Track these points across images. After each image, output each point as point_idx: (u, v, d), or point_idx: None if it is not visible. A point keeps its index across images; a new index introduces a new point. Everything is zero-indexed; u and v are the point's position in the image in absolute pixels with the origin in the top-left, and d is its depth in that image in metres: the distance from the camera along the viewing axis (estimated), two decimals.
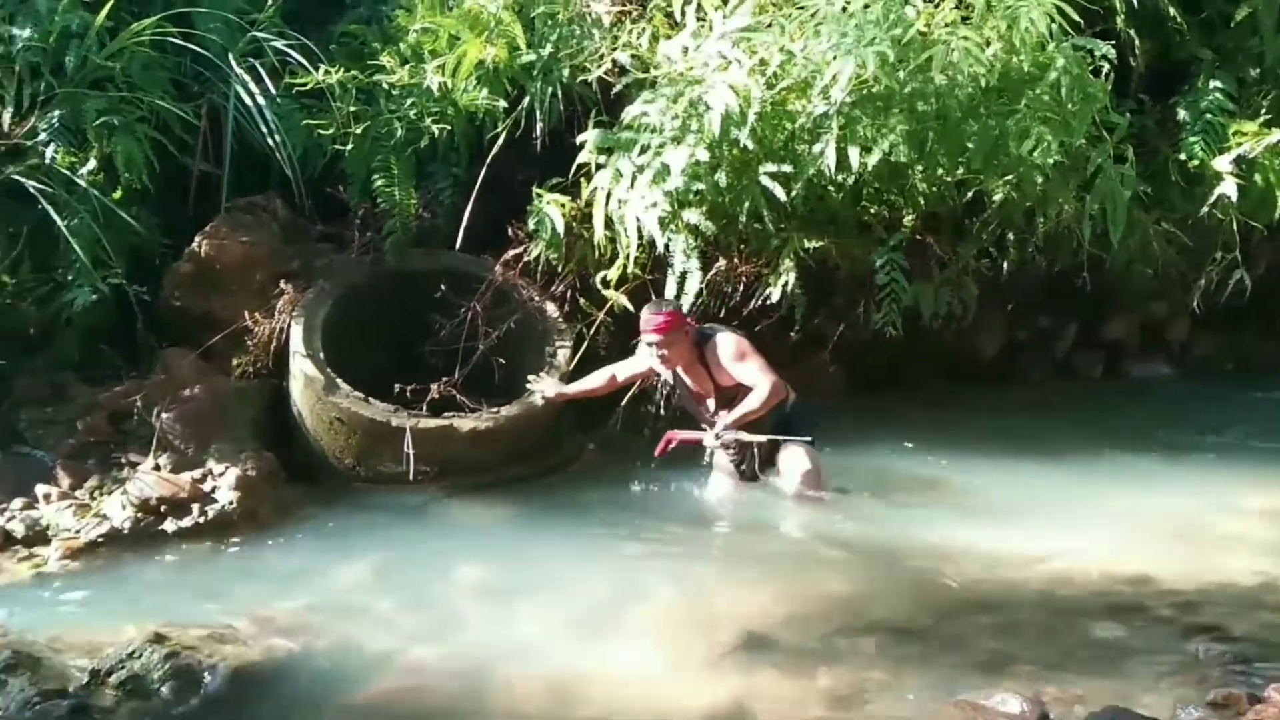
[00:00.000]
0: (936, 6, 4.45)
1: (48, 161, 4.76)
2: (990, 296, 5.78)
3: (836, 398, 5.65)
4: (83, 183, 4.76)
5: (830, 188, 4.81)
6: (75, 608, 3.65)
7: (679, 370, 4.48)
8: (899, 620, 3.35)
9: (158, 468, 4.31)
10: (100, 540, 4.05)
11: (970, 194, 5.04)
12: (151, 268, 5.02)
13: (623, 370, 4.67)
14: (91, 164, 4.82)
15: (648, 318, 4.34)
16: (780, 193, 4.49)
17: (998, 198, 4.89)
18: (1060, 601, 3.53)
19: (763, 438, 4.38)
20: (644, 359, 4.53)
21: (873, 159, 4.43)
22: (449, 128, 5.04)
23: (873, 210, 5.11)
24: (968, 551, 3.92)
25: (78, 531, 4.05)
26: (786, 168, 4.56)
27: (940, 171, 4.79)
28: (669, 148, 4.54)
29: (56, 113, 4.82)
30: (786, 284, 4.79)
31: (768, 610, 3.44)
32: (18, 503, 4.20)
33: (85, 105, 4.82)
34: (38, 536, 4.06)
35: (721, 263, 4.97)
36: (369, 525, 4.30)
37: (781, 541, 4.29)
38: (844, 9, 4.34)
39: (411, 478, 4.43)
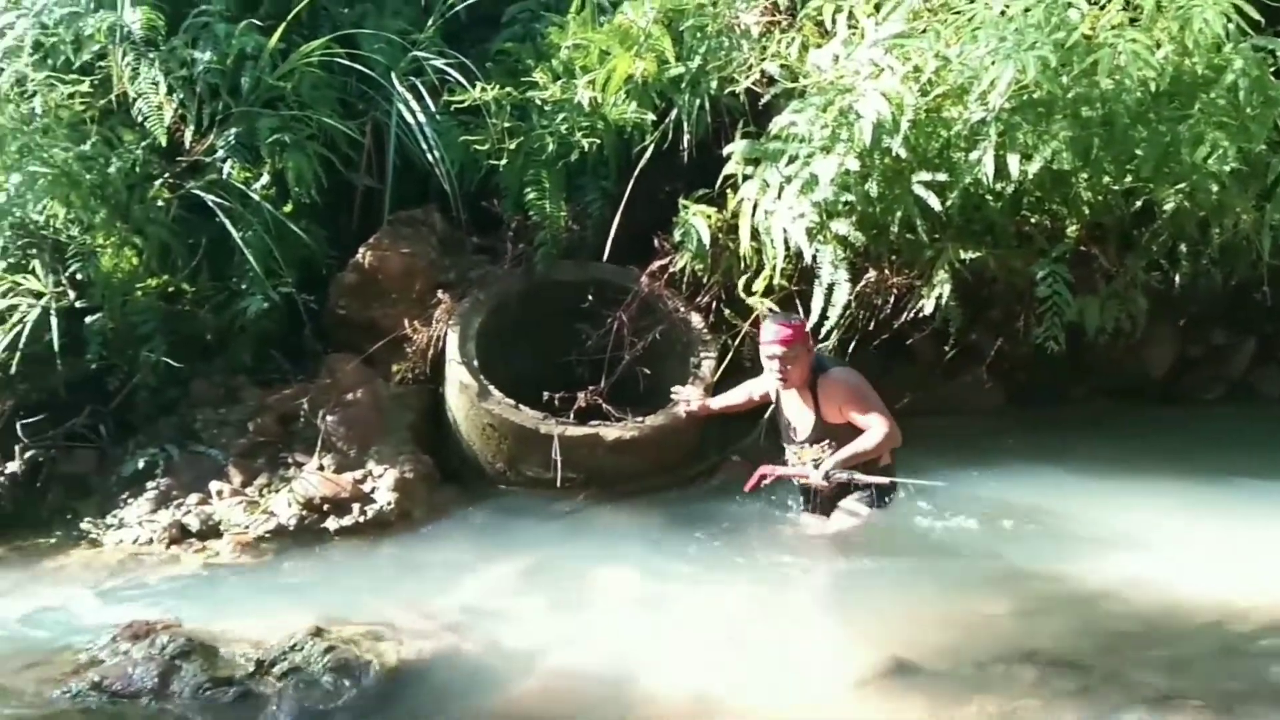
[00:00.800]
0: (1102, 8, 4.25)
1: (225, 177, 5.06)
2: (1160, 311, 5.45)
3: (992, 415, 5.44)
4: (256, 197, 5.04)
5: (988, 197, 4.63)
6: (244, 600, 3.86)
7: (786, 391, 4.27)
8: (1058, 650, 3.19)
9: (321, 468, 4.52)
10: (267, 535, 4.28)
11: (1139, 203, 4.77)
12: (319, 278, 5.27)
13: (758, 388, 4.57)
14: (265, 179, 5.09)
15: (773, 328, 4.17)
16: (934, 202, 4.37)
17: (1169, 207, 4.61)
18: (1233, 638, 3.31)
19: (882, 479, 4.13)
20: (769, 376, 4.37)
21: (1034, 167, 4.25)
22: (598, 141, 5.11)
23: (1033, 220, 4.89)
24: (1131, 580, 3.71)
25: (247, 527, 4.29)
26: (941, 176, 4.42)
27: (1106, 180, 4.55)
28: (818, 157, 4.48)
29: (233, 131, 5.11)
30: (940, 296, 4.64)
31: (915, 634, 3.33)
32: (193, 498, 4.49)
33: (259, 124, 5.09)
34: (210, 530, 4.33)
35: (871, 274, 4.85)
36: (518, 529, 4.40)
37: (928, 563, 4.12)
38: (1003, 13, 4.19)
39: (559, 484, 4.50)
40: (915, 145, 4.48)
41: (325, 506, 4.33)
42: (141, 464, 4.68)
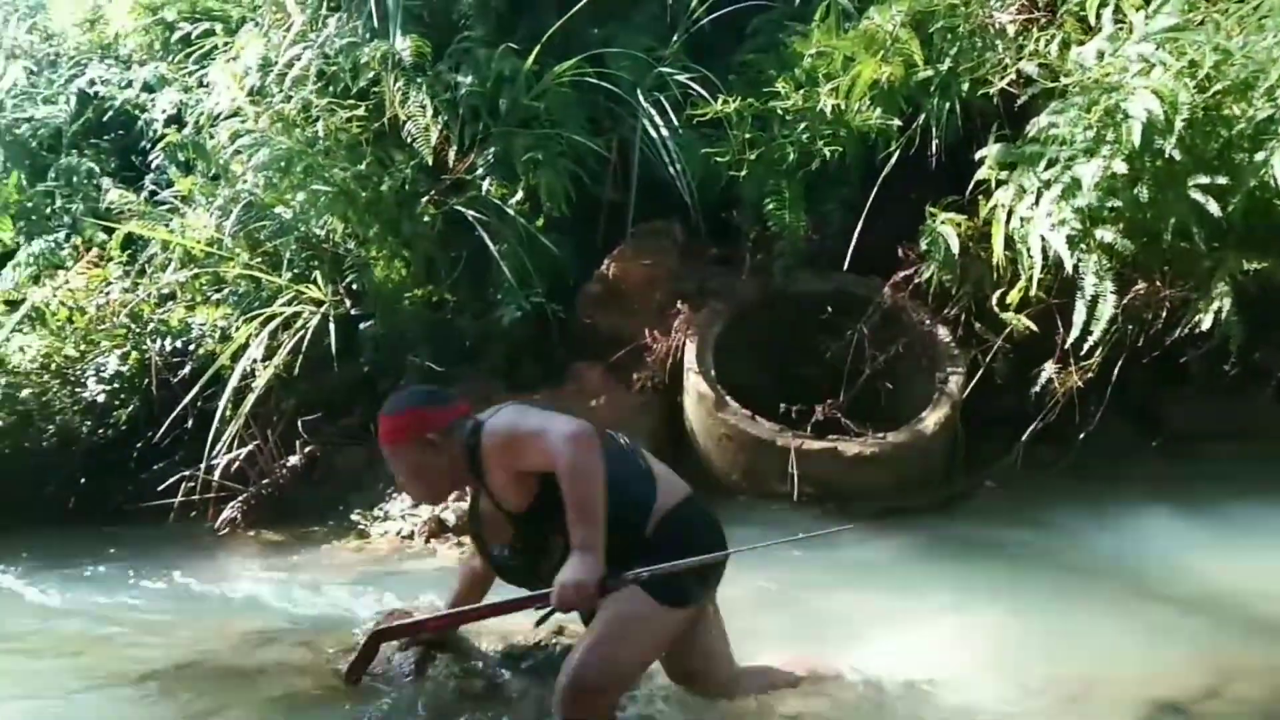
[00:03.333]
0: None
1: (484, 193, 5.35)
2: None
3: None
4: (512, 212, 5.30)
5: (1276, 201, 4.20)
6: (492, 594, 4.04)
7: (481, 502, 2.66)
8: None
9: None
10: None
11: None
12: (567, 288, 5.47)
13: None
14: (519, 195, 5.34)
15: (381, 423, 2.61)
16: (1214, 207, 4.00)
17: None
18: None
19: (687, 562, 2.47)
20: None
21: None
22: (840, 149, 5.02)
23: None
24: None
25: None
26: (1221, 179, 4.05)
27: None
28: (1080, 160, 4.21)
29: (491, 150, 5.40)
30: (1220, 310, 4.22)
31: (1183, 679, 3.03)
32: (451, 495, 4.76)
33: (515, 142, 5.35)
34: (465, 526, 4.57)
35: (1140, 286, 4.49)
36: (753, 542, 4.34)
37: (1196, 603, 3.72)
38: None
39: (795, 498, 4.45)
40: (1191, 146, 4.12)
41: None
42: None
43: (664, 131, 5.39)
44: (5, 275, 5.87)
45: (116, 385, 5.33)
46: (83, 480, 5.28)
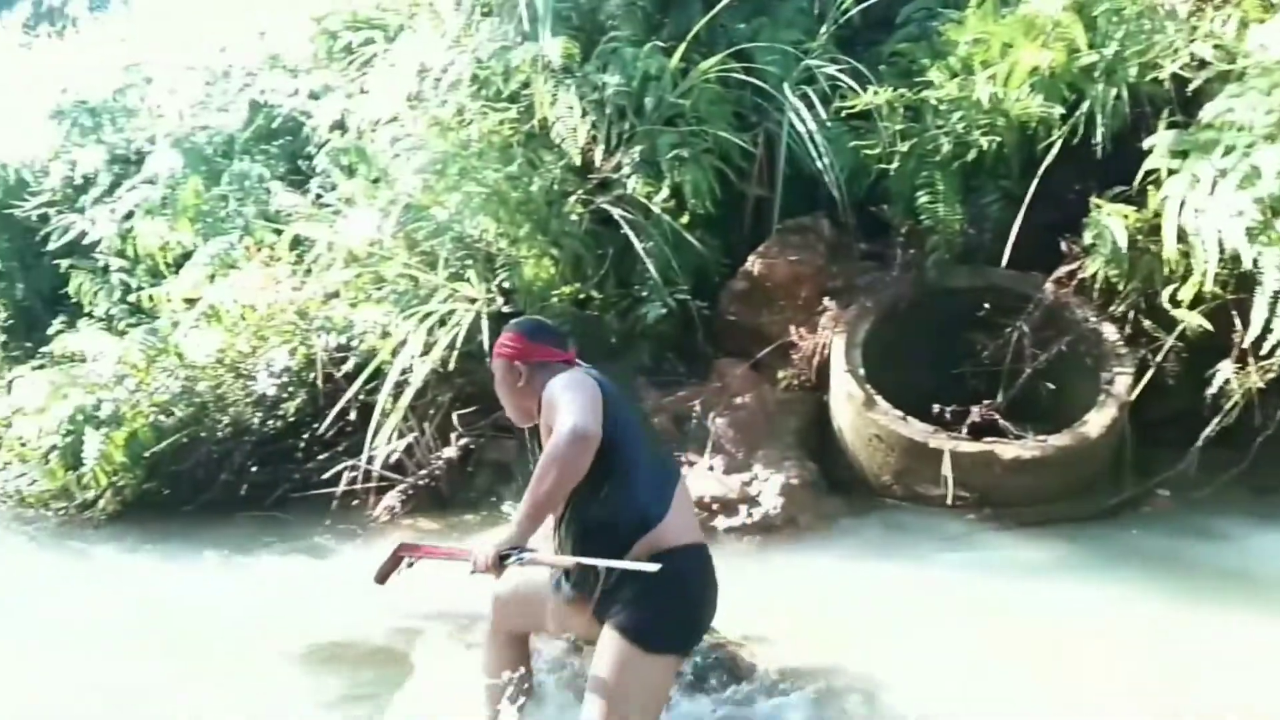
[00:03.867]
0: None
1: (629, 192, 5.39)
2: None
3: None
4: (657, 210, 5.32)
5: None
6: None
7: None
8: None
9: (711, 468, 4.69)
10: None
11: None
12: (711, 285, 5.47)
13: None
14: (664, 193, 5.36)
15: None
16: None
17: None
18: None
19: (604, 562, 2.37)
20: None
21: None
22: (998, 139, 4.85)
23: None
24: None
25: None
26: None
27: None
28: (1261, 147, 3.96)
29: (637, 149, 5.43)
30: None
31: None
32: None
33: (660, 141, 5.37)
34: None
35: None
36: (906, 547, 4.26)
37: None
38: None
39: (950, 501, 4.33)
40: None
41: (715, 506, 4.48)
42: None
43: (811, 125, 5.32)
44: (184, 275, 6.24)
45: (285, 379, 5.60)
46: (253, 468, 5.57)
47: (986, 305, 4.68)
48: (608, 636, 2.39)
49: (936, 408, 4.52)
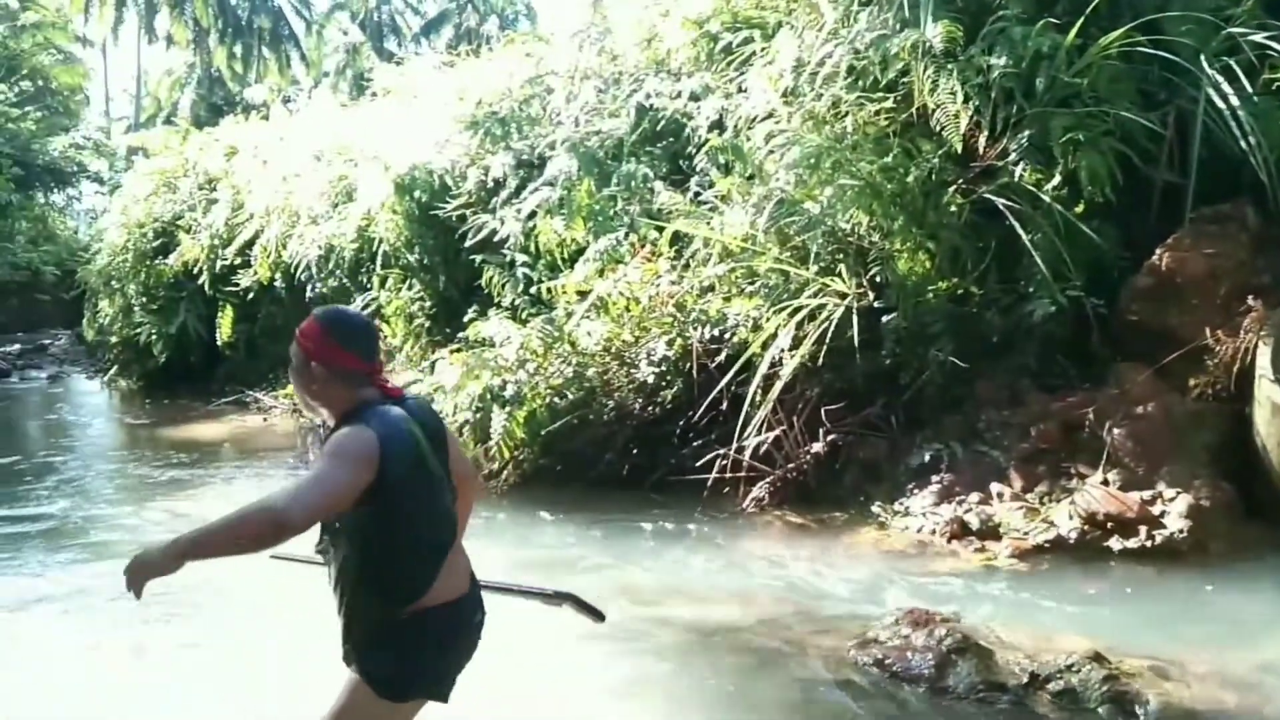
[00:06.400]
0: None
1: (1016, 180, 5.07)
2: None
3: None
4: (1047, 198, 4.98)
5: None
6: (1018, 607, 3.86)
7: None
8: None
9: (1105, 483, 4.31)
10: (1045, 545, 4.23)
11: None
12: (1109, 280, 5.03)
13: None
14: (1056, 180, 5.00)
15: None
16: None
17: None
18: None
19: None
20: None
21: None
22: None
23: None
24: None
25: (1025, 533, 4.29)
26: None
27: None
28: None
29: (1025, 133, 5.10)
30: None
31: None
32: (974, 496, 4.62)
33: (1052, 123, 5.00)
34: (989, 531, 4.41)
35: None
36: None
37: None
38: None
39: None
40: None
41: (1109, 524, 4.13)
42: (927, 457, 4.98)
43: (1234, 101, 4.73)
44: (577, 269, 6.73)
45: (663, 368, 5.89)
46: (634, 451, 5.91)
47: None
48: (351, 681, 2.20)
49: None
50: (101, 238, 14.48)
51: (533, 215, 7.20)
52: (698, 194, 6.46)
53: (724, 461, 5.32)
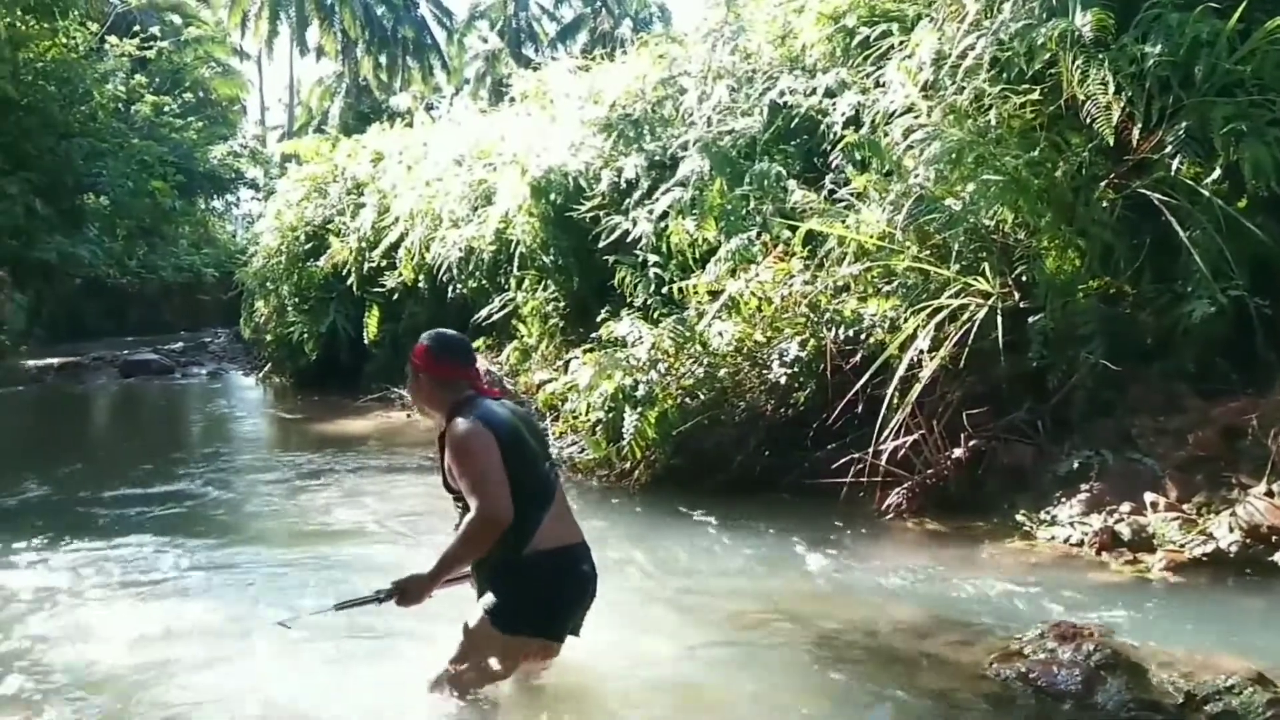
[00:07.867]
0: None
1: (1172, 173, 4.82)
2: None
3: None
4: (1206, 193, 4.72)
5: None
6: (1173, 622, 3.67)
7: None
8: None
9: (1270, 494, 4.06)
10: (1203, 558, 4.01)
11: None
12: (1275, 279, 4.74)
13: None
14: (1216, 173, 4.74)
15: None
16: None
17: None
18: None
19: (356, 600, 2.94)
20: None
21: None
22: None
23: None
24: None
25: (1182, 545, 4.07)
26: None
27: None
28: None
29: (1183, 124, 4.84)
30: None
31: None
32: (1126, 506, 4.41)
33: (1213, 113, 4.74)
34: (1142, 543, 4.21)
35: None
36: None
37: None
38: None
39: None
40: None
41: (1274, 538, 3.88)
42: (1076, 464, 4.79)
43: None
44: (709, 269, 6.73)
45: (796, 369, 5.82)
46: (766, 453, 5.86)
47: None
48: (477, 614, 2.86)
49: None
50: (257, 241, 15.27)
51: (665, 216, 7.22)
52: (832, 192, 6.36)
53: (860, 466, 5.23)
